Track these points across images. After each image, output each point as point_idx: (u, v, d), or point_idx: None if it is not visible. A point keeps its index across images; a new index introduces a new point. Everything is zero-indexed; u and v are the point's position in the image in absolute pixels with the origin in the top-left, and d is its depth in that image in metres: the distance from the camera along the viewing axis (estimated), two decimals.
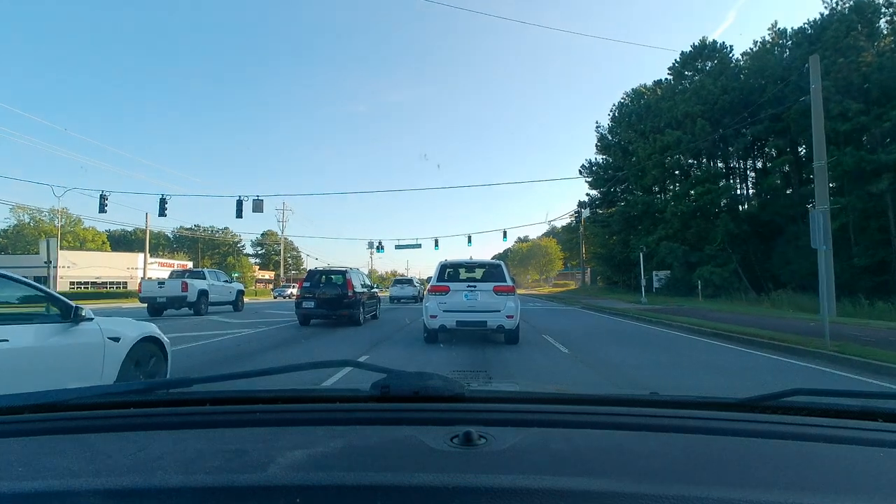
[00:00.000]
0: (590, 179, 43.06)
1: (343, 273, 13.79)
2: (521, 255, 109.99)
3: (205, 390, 1.20)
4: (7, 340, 3.30)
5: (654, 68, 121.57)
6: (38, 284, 3.98)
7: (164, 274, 47.16)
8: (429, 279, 10.63)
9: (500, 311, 8.96)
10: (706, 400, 1.12)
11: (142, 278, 23.70)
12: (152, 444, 0.85)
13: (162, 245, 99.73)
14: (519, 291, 10.83)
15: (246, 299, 32.06)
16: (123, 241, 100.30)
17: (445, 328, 9.00)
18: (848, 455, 0.84)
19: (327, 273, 14.37)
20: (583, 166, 43.60)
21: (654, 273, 35.12)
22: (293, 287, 49.84)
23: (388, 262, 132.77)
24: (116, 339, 4.27)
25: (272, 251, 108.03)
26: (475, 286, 9.33)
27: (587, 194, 43.71)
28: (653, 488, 0.64)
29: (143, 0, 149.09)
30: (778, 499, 0.64)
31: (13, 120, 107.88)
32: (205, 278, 18.88)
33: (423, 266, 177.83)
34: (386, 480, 0.68)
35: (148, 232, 48.64)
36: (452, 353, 8.39)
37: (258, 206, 26.99)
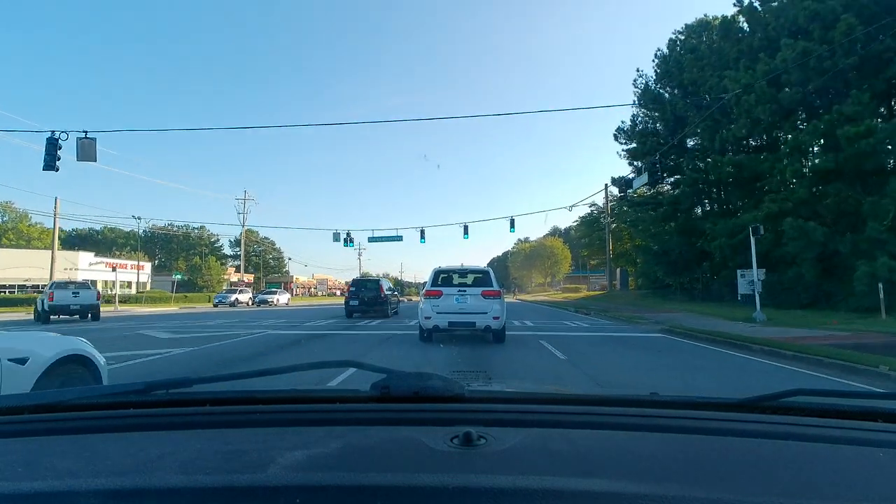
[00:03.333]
0: (631, 146, 29.61)
1: (377, 281, 21.19)
2: (524, 256, 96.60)
3: (205, 391, 1.17)
4: None
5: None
6: None
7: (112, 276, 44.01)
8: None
9: (487, 313, 9.53)
10: (706, 400, 1.10)
11: (51, 284, 20.46)
12: (152, 444, 0.85)
13: (131, 244, 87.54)
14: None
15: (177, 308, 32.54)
16: (89, 240, 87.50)
17: (439, 328, 9.70)
18: (848, 455, 0.83)
19: (365, 281, 21.90)
20: (619, 129, 30.45)
21: (738, 273, 21.53)
22: (243, 292, 36.95)
23: (379, 264, 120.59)
24: (22, 361, 3.21)
25: (252, 251, 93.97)
26: (465, 290, 9.88)
27: (632, 164, 30.07)
28: (653, 488, 0.65)
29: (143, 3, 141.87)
30: (778, 499, 0.64)
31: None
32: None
33: (418, 270, 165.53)
34: (386, 481, 0.67)
35: (56, 221, 35.41)
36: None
37: (87, 150, 13.62)
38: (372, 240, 33.51)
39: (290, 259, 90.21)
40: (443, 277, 10.38)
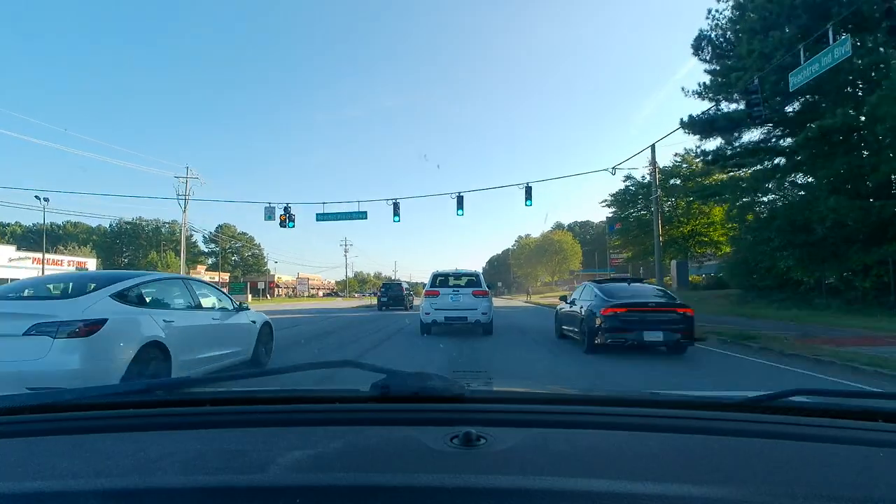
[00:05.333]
0: (724, 62, 18.36)
1: (399, 283, 28.64)
2: (528, 253, 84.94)
3: (205, 391, 1.16)
4: (217, 319, 5.89)
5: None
6: (220, 289, 6.87)
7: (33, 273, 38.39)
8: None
9: (477, 309, 11.04)
10: (706, 400, 1.08)
11: None
12: (152, 444, 0.84)
13: (93, 240, 76.42)
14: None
15: None
16: (50, 237, 75.67)
17: (437, 322, 11.37)
18: (848, 455, 0.82)
19: (391, 283, 28.99)
20: (700, 37, 20.59)
21: None
22: None
23: (371, 263, 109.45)
24: (254, 322, 6.73)
25: (227, 248, 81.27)
26: (459, 290, 11.50)
27: (715, 98, 18.50)
28: (653, 488, 0.64)
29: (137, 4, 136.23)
30: (778, 499, 0.64)
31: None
32: None
33: (413, 270, 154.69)
34: (385, 481, 0.67)
35: None
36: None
37: None
38: (322, 217, 22.19)
39: (267, 257, 79.91)
40: (440, 280, 12.04)
